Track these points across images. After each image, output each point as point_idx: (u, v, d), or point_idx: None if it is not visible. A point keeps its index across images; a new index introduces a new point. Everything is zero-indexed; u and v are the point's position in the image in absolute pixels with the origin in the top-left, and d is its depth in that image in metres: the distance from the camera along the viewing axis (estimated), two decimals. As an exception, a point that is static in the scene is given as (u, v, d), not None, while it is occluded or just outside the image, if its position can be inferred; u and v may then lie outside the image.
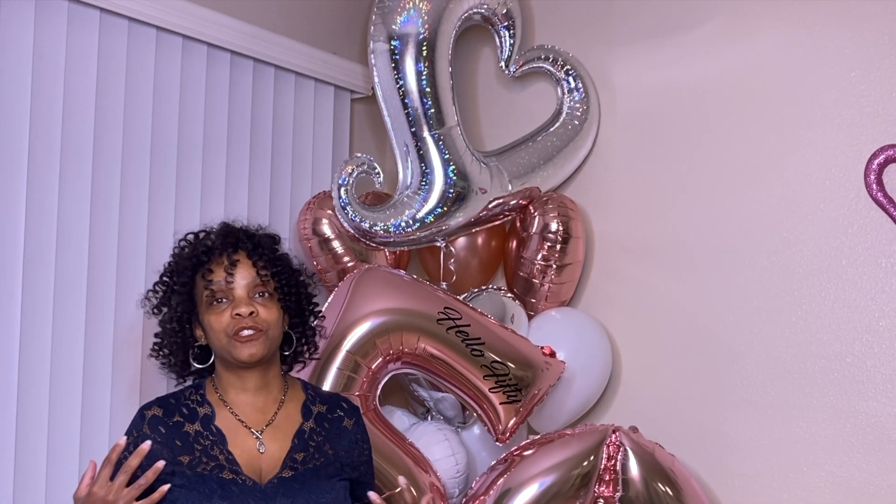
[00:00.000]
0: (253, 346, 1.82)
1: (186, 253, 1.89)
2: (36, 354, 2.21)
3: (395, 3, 2.67)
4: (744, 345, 2.67)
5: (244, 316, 1.81)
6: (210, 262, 1.85)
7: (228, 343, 1.82)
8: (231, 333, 1.81)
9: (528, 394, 2.57)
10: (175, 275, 1.89)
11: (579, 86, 2.91)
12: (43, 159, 2.23)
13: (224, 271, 1.83)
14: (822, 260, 2.57)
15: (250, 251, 1.86)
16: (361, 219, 2.66)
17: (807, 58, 2.61)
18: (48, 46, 2.23)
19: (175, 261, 1.91)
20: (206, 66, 2.61)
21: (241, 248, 1.86)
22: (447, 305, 2.57)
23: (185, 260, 1.88)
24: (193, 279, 1.87)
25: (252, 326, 1.82)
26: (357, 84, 3.08)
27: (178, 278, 1.88)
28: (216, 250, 1.86)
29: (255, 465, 1.81)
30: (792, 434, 2.58)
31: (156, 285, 1.92)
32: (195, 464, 1.78)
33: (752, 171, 2.68)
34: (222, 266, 1.84)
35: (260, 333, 1.82)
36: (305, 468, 1.83)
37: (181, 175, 2.55)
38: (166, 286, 1.91)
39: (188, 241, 1.92)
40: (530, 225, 2.81)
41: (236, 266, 1.83)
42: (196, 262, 1.86)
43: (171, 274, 1.90)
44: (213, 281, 1.83)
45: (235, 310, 1.81)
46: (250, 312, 1.81)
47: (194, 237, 1.92)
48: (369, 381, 2.48)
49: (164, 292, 1.91)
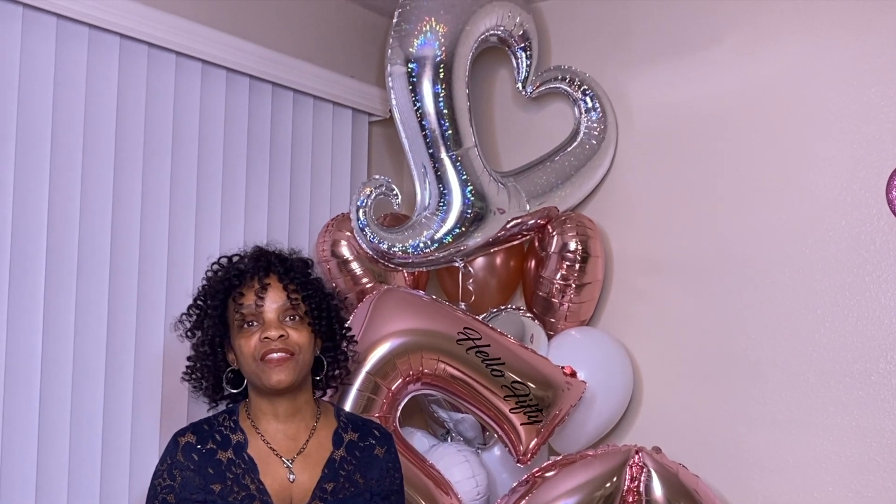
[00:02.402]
0: (281, 371, 1.81)
1: (219, 276, 1.90)
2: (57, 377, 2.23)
3: (413, 27, 2.69)
4: (766, 363, 2.64)
5: (273, 339, 1.81)
6: (241, 286, 1.86)
7: (257, 367, 1.82)
8: (259, 357, 1.81)
9: (550, 414, 2.55)
10: (207, 298, 1.89)
11: (596, 105, 2.92)
12: (65, 182, 2.25)
13: (255, 294, 1.83)
14: (845, 277, 2.55)
15: (281, 275, 1.87)
16: (380, 240, 2.66)
17: (825, 74, 2.61)
18: (68, 70, 2.26)
19: (207, 284, 1.91)
20: (225, 91, 2.64)
21: (272, 272, 1.87)
22: (467, 325, 2.56)
23: (217, 283, 1.88)
24: (225, 303, 1.87)
25: (282, 349, 1.81)
26: (375, 107, 3.11)
27: (210, 301, 1.88)
28: (247, 273, 1.86)
29: (285, 494, 1.81)
30: (817, 453, 2.55)
31: (189, 308, 1.93)
32: (226, 493, 1.78)
33: (772, 187, 2.67)
34: (253, 289, 1.84)
35: (289, 358, 1.82)
36: (335, 498, 1.83)
37: (201, 197, 2.57)
38: (199, 309, 1.91)
39: (221, 264, 1.92)
40: (549, 244, 2.80)
41: (267, 290, 1.84)
42: (228, 286, 1.87)
43: (203, 297, 1.91)
44: (244, 304, 1.84)
45: (264, 333, 1.81)
46: (279, 335, 1.81)
47: (227, 261, 1.92)
48: (389, 402, 2.47)
49: (196, 316, 1.91)
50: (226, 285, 1.87)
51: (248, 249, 1.94)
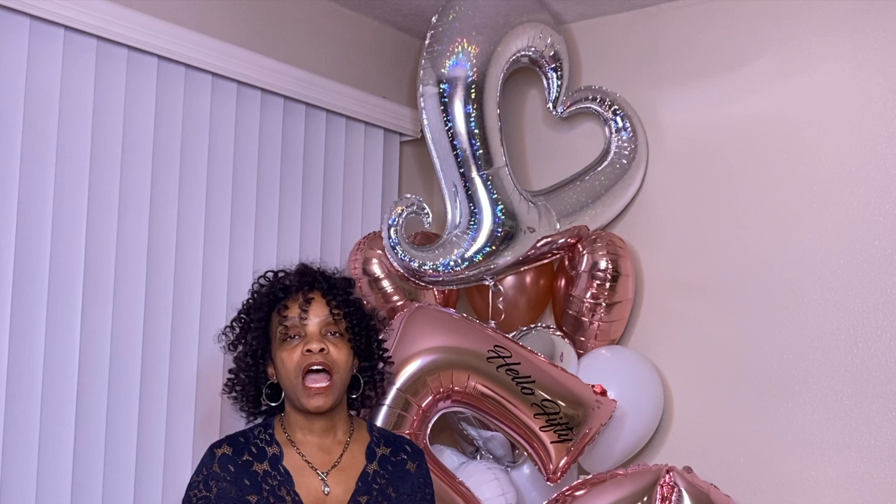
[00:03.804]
0: (320, 398, 1.85)
1: (264, 290, 1.95)
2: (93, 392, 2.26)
3: (444, 48, 2.72)
4: (799, 383, 2.63)
5: (315, 352, 1.85)
6: (286, 300, 1.90)
7: (298, 388, 1.85)
8: (301, 372, 1.85)
9: (580, 433, 2.55)
10: (252, 311, 1.95)
11: (627, 125, 2.93)
12: (103, 201, 2.29)
13: (298, 308, 1.88)
14: (878, 297, 2.53)
15: (325, 291, 1.92)
16: (411, 258, 2.69)
17: (857, 94, 2.60)
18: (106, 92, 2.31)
19: (252, 298, 1.97)
20: (259, 111, 2.68)
21: (316, 288, 1.92)
22: (497, 343, 2.58)
23: (262, 297, 1.94)
24: (269, 316, 1.92)
25: (322, 363, 1.85)
26: (406, 127, 3.14)
27: (254, 315, 1.93)
28: (292, 288, 1.92)
29: None
30: (850, 474, 2.53)
31: (233, 322, 1.98)
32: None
33: (804, 208, 2.66)
34: (297, 303, 1.89)
35: (328, 387, 1.85)
36: None
37: (235, 217, 2.61)
38: (243, 323, 1.96)
39: (267, 278, 1.98)
40: (579, 263, 2.81)
41: (310, 304, 1.89)
42: (273, 299, 1.92)
43: (247, 311, 1.96)
44: (288, 317, 1.88)
45: (307, 346, 1.85)
46: (321, 349, 1.85)
47: (273, 275, 1.98)
48: (419, 419, 2.48)
49: (240, 329, 1.96)
50: (271, 298, 1.92)
51: (293, 266, 1.99)
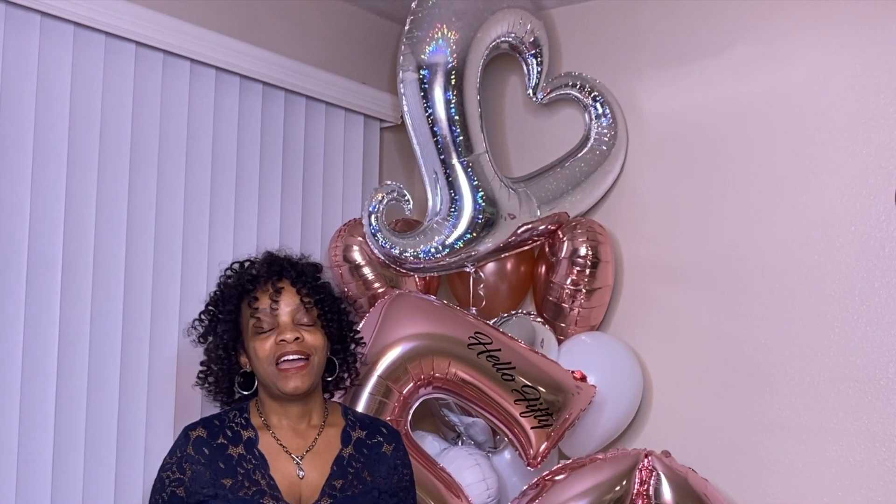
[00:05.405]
0: (297, 378, 1.84)
1: (232, 282, 1.93)
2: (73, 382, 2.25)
3: (424, 34, 2.71)
4: (776, 368, 2.65)
5: (289, 342, 1.84)
6: (255, 290, 1.89)
7: (273, 373, 1.85)
8: (276, 359, 1.84)
9: (560, 418, 2.57)
10: (221, 303, 1.92)
11: (607, 112, 2.93)
12: (81, 189, 2.28)
13: (269, 298, 1.86)
14: (855, 282, 2.56)
15: (294, 279, 1.90)
16: (392, 245, 2.69)
17: (835, 81, 2.62)
18: (84, 78, 2.29)
19: (220, 289, 1.94)
20: (238, 97, 2.67)
21: (285, 276, 1.90)
22: (478, 330, 2.58)
23: (231, 288, 1.91)
24: (239, 307, 1.90)
25: (297, 351, 1.84)
26: (386, 113, 3.13)
27: (223, 306, 1.91)
28: (261, 278, 1.89)
29: (294, 490, 1.83)
30: (826, 458, 2.56)
31: (201, 314, 1.96)
32: (237, 487, 1.80)
33: (782, 194, 2.68)
34: (267, 293, 1.87)
35: (305, 365, 1.85)
36: (344, 496, 1.85)
37: (214, 203, 2.59)
38: (212, 315, 1.94)
39: (233, 269, 1.95)
40: (559, 250, 2.82)
41: (281, 293, 1.87)
42: (241, 291, 1.90)
43: (216, 303, 1.94)
44: (259, 308, 1.87)
45: (280, 336, 1.84)
46: (295, 338, 1.84)
47: (239, 266, 1.95)
48: (401, 405, 2.49)
49: (209, 321, 1.94)
50: (239, 290, 1.90)
51: (259, 255, 1.97)
